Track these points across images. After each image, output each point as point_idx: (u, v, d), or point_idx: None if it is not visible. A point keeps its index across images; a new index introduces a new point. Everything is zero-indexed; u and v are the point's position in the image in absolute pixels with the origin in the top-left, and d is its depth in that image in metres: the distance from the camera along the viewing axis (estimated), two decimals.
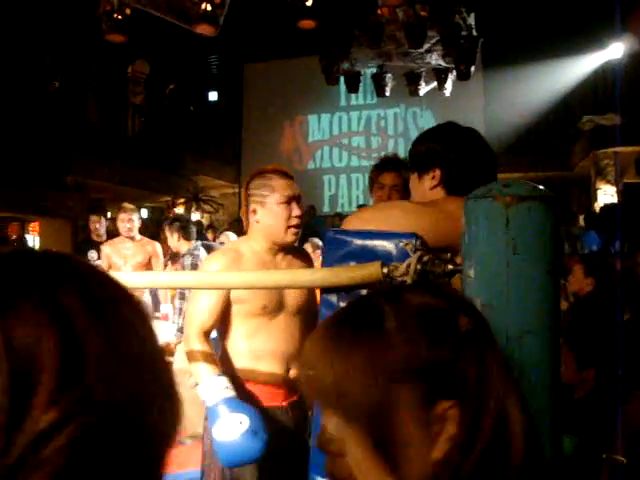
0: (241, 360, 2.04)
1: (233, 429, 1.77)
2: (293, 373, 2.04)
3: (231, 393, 1.86)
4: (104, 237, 5.69)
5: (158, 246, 4.93)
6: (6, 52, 8.30)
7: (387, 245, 1.23)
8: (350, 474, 0.65)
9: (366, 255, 1.25)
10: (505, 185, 0.89)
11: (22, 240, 10.69)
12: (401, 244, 1.21)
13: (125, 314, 0.45)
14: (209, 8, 3.66)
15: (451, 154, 1.57)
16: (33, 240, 11.38)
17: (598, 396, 2.09)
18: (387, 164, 2.80)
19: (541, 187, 0.89)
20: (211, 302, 1.98)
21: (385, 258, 1.21)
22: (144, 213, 13.24)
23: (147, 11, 3.62)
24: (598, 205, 9.21)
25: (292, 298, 2.08)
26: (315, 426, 1.29)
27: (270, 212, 2.03)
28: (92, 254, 5.47)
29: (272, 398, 2.03)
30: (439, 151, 1.58)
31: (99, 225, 5.79)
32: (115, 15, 4.09)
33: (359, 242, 1.28)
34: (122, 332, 0.43)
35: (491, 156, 1.62)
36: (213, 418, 1.82)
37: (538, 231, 0.87)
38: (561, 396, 0.94)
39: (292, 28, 5.18)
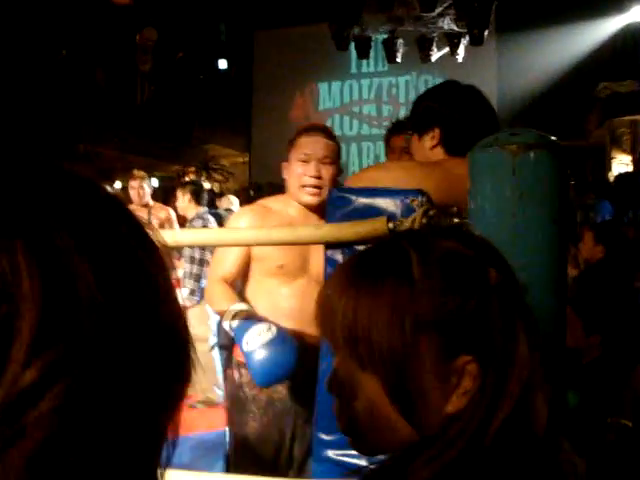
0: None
1: (262, 336, 1.75)
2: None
3: (253, 310, 1.90)
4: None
5: (172, 212, 4.93)
6: (14, 21, 8.23)
7: (392, 202, 1.21)
8: (359, 418, 0.65)
9: (371, 213, 1.24)
10: (512, 134, 0.87)
11: None
12: (407, 200, 1.19)
13: (137, 257, 0.37)
14: None
15: (449, 112, 1.54)
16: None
17: (605, 361, 2.08)
18: (397, 127, 2.80)
19: (549, 135, 0.87)
20: (232, 255, 2.01)
21: (390, 215, 1.20)
22: (155, 182, 13.24)
23: None
24: (612, 174, 9.08)
25: (316, 264, 1.99)
26: (322, 374, 1.29)
27: (289, 169, 2.02)
28: None
29: None
30: (437, 109, 1.56)
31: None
32: None
33: (363, 200, 1.27)
34: (127, 276, 0.36)
35: (491, 114, 1.59)
36: (240, 334, 1.79)
37: (545, 180, 0.85)
38: (566, 351, 0.93)
39: None
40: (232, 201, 5.59)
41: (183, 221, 4.86)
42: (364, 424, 0.65)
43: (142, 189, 4.74)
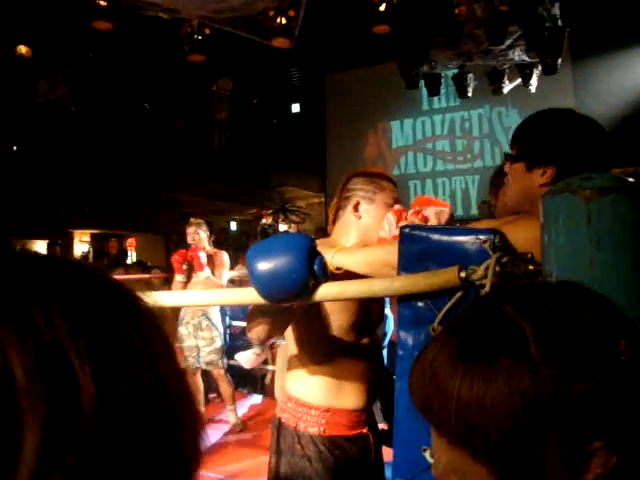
0: (322, 384, 1.82)
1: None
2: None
3: None
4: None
5: (224, 256, 5.07)
6: (101, 82, 8.79)
7: (465, 241, 1.18)
8: None
9: (443, 252, 1.21)
10: (585, 178, 0.83)
11: (121, 255, 11.25)
12: (478, 241, 1.16)
13: (138, 342, 0.36)
14: (284, 21, 3.72)
15: (571, 153, 1.38)
16: (131, 255, 11.96)
17: None
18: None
19: (625, 178, 0.83)
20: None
21: (463, 255, 1.17)
22: (233, 225, 13.60)
23: (225, 29, 3.73)
24: None
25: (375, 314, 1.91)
26: (400, 413, 1.26)
27: (375, 210, 1.82)
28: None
29: (356, 425, 1.85)
30: (557, 146, 1.40)
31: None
32: (195, 36, 4.26)
33: (436, 238, 1.24)
34: (130, 369, 0.34)
35: (611, 153, 1.42)
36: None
37: (623, 226, 0.80)
38: None
39: (369, 35, 5.17)
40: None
41: None
42: None
43: (197, 234, 4.95)
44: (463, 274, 1.08)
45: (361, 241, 1.82)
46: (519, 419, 0.56)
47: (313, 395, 1.80)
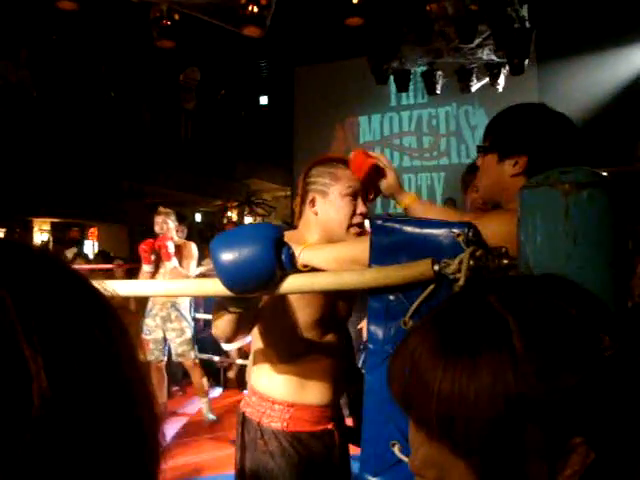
0: (286, 380, 1.79)
1: None
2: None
3: None
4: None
5: (192, 247, 5.02)
6: (64, 66, 8.58)
7: (438, 234, 1.17)
8: None
9: (416, 244, 1.19)
10: (563, 172, 0.83)
11: (81, 245, 11.03)
12: (452, 234, 1.15)
13: (91, 329, 0.34)
14: (255, 10, 3.67)
15: (542, 143, 1.41)
16: (92, 245, 11.73)
17: None
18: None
19: (602, 173, 0.82)
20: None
21: (435, 248, 1.15)
22: (198, 217, 13.46)
23: (195, 15, 3.66)
24: None
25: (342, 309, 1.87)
26: (368, 408, 1.24)
27: (332, 204, 1.76)
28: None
29: (321, 421, 1.82)
30: (528, 136, 1.42)
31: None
32: (164, 21, 4.17)
33: (409, 230, 1.22)
34: (85, 361, 0.32)
35: (582, 147, 1.45)
36: None
37: (600, 221, 0.80)
38: None
39: (340, 28, 5.15)
40: None
41: None
42: None
43: (166, 224, 4.90)
44: (437, 267, 1.07)
45: (323, 237, 1.77)
46: (501, 413, 0.55)
47: (277, 390, 1.78)
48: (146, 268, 4.60)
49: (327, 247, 1.55)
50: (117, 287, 1.33)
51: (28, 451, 0.28)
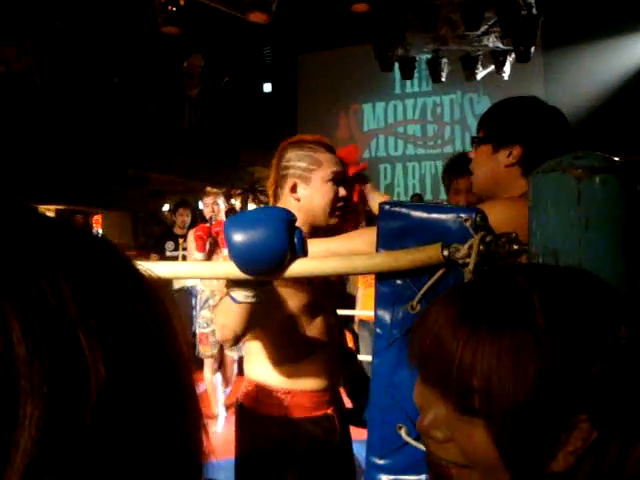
0: (281, 367, 1.79)
1: None
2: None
3: None
4: (186, 230, 5.73)
5: None
6: (69, 53, 8.55)
7: (446, 219, 1.17)
8: (454, 461, 0.62)
9: (423, 229, 1.19)
10: (576, 157, 0.82)
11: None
12: (460, 219, 1.15)
13: (142, 321, 0.32)
14: None
15: (535, 132, 1.43)
16: (97, 232, 11.75)
17: None
18: (462, 169, 2.52)
19: (615, 158, 0.82)
20: None
21: (443, 233, 1.15)
22: (201, 205, 13.46)
23: (200, 0, 3.64)
24: None
25: (328, 295, 1.87)
26: (375, 390, 1.25)
27: (316, 190, 1.75)
28: (169, 244, 5.61)
29: (319, 406, 1.82)
30: (522, 126, 1.45)
31: (187, 218, 5.85)
32: (169, 7, 4.14)
33: (416, 215, 1.22)
34: (141, 354, 0.31)
35: (574, 139, 1.48)
36: None
37: (613, 206, 0.80)
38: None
39: (345, 14, 5.11)
40: None
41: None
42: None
43: (217, 205, 4.64)
44: (446, 252, 1.07)
45: (305, 222, 1.72)
46: (521, 382, 0.57)
47: (272, 378, 1.78)
48: (198, 256, 4.10)
49: (317, 241, 1.53)
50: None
51: (87, 443, 0.27)
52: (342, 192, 1.78)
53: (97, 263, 0.32)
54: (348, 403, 2.02)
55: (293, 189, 1.77)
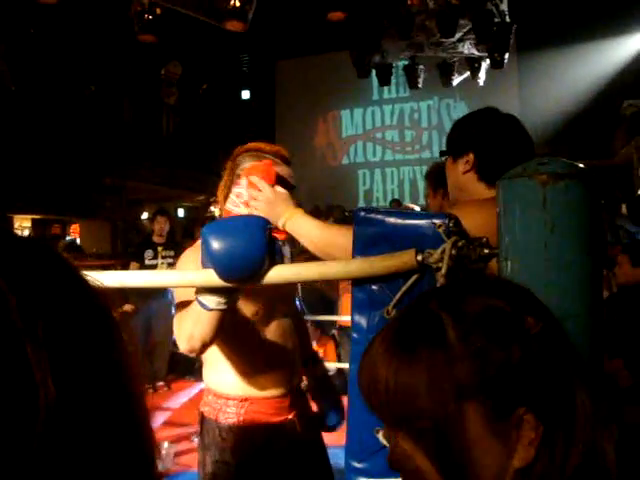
0: (237, 374, 1.77)
1: None
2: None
3: None
4: (164, 238, 5.85)
5: None
6: (44, 60, 8.48)
7: (419, 225, 1.19)
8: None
9: (397, 236, 1.21)
10: (541, 163, 0.85)
11: (57, 239, 10.92)
12: (433, 225, 1.17)
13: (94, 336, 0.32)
14: (238, 4, 3.66)
15: (484, 138, 1.54)
16: (74, 241, 11.63)
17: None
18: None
19: (579, 164, 0.85)
20: None
21: (417, 239, 1.17)
22: (181, 212, 13.39)
23: (177, 9, 3.64)
24: None
25: (283, 301, 1.86)
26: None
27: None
28: (149, 253, 5.66)
29: (279, 412, 1.81)
30: (473, 135, 1.56)
31: (166, 225, 5.92)
32: (146, 15, 4.15)
33: (391, 221, 1.24)
34: (88, 363, 0.30)
35: (528, 143, 1.57)
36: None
37: (577, 210, 0.83)
38: (604, 383, 0.90)
39: (322, 22, 5.15)
40: None
41: None
42: None
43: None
44: (420, 257, 1.09)
45: None
46: (438, 399, 0.60)
47: (229, 386, 1.77)
48: None
49: (314, 222, 1.51)
50: (103, 278, 1.32)
51: (35, 462, 0.26)
52: None
53: (42, 272, 0.31)
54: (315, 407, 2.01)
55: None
